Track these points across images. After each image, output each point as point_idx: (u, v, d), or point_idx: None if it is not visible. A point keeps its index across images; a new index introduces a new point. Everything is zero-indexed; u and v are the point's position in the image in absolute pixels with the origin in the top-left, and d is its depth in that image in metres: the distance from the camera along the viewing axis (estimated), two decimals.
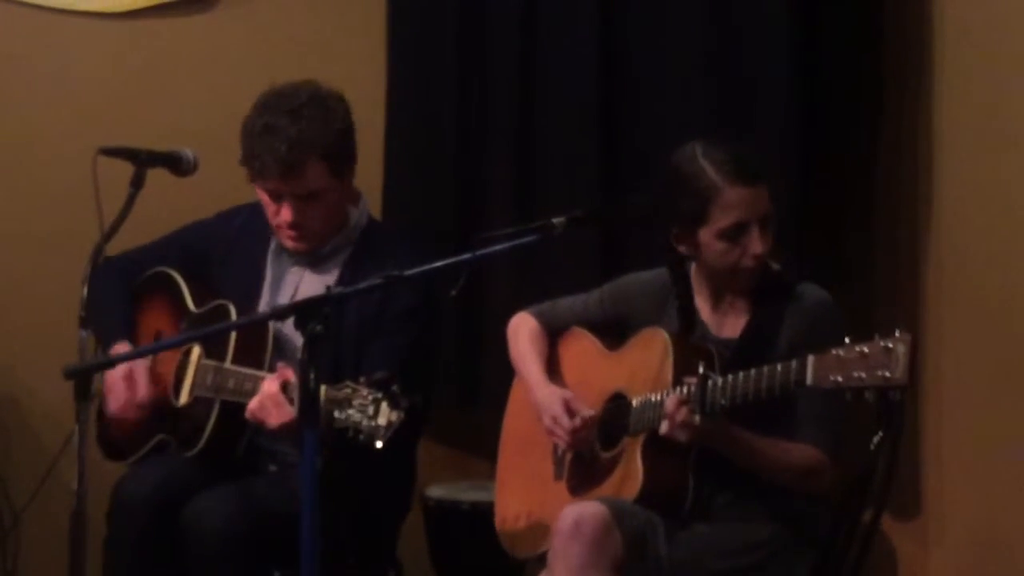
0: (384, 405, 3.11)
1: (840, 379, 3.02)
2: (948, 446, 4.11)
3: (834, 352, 3.04)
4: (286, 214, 3.74)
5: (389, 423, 3.11)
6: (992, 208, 4.00)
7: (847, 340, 3.03)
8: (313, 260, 3.85)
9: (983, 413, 4.03)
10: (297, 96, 3.74)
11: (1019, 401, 3.92)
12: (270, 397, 3.47)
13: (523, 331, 3.78)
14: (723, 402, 3.23)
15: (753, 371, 3.20)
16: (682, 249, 3.48)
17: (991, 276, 4.00)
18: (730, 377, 3.24)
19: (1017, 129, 3.91)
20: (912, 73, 4.16)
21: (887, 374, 2.96)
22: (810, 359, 3.09)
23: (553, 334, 3.78)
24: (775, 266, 3.51)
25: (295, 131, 3.68)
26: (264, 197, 3.78)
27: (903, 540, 4.22)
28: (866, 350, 2.99)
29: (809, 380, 3.09)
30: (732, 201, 3.36)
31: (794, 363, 3.13)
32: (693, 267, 3.56)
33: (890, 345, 2.96)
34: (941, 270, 4.12)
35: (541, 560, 3.44)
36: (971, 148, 4.04)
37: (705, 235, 3.41)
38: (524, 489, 3.74)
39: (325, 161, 3.72)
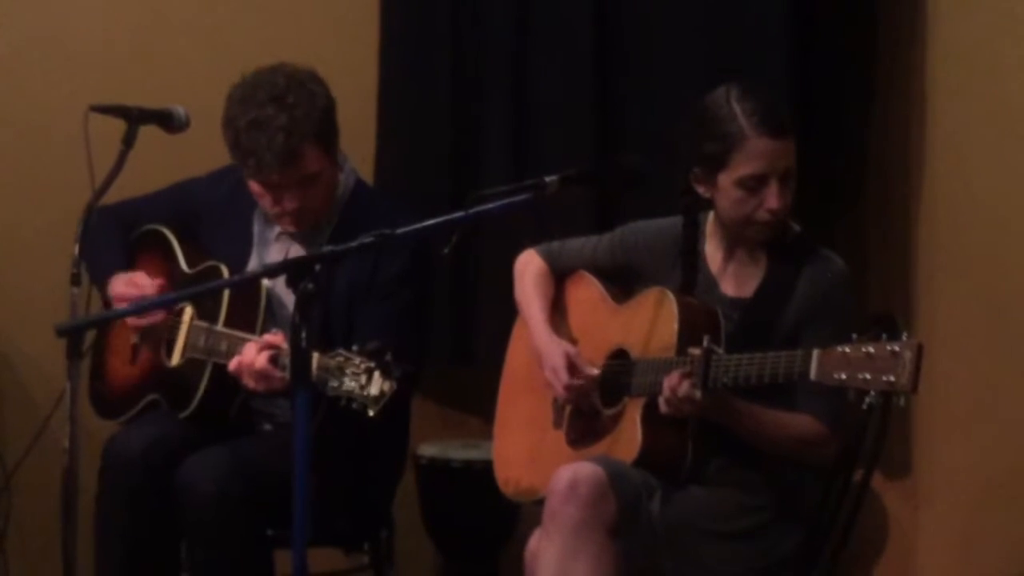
0: (377, 375, 3.10)
1: (844, 377, 3.01)
2: (939, 406, 4.12)
3: (840, 349, 3.03)
4: (289, 203, 3.69)
5: (382, 393, 3.10)
6: (985, 173, 4.00)
7: (854, 337, 3.01)
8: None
9: (974, 373, 4.04)
10: (275, 83, 3.66)
11: (1010, 360, 3.94)
12: (257, 371, 3.46)
13: (530, 272, 3.75)
14: (725, 380, 3.23)
15: (758, 356, 3.19)
16: (700, 190, 3.45)
17: (984, 239, 4.00)
18: (734, 357, 3.22)
19: (1011, 97, 3.91)
20: (905, 45, 4.16)
21: (892, 379, 2.95)
22: (815, 354, 3.08)
23: (560, 276, 3.76)
24: (796, 227, 3.49)
25: (286, 119, 3.61)
26: (257, 189, 3.73)
27: (894, 499, 4.24)
28: (872, 351, 2.97)
29: (813, 375, 3.08)
30: (756, 151, 3.34)
31: (799, 355, 3.12)
32: (710, 217, 3.54)
33: (897, 349, 2.95)
34: (933, 228, 4.13)
35: (535, 511, 3.44)
36: (966, 86, 4.04)
37: (724, 180, 3.39)
38: (523, 431, 3.73)
39: (318, 143, 3.68)
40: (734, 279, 3.50)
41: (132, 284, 3.74)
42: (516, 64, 4.43)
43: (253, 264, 3.83)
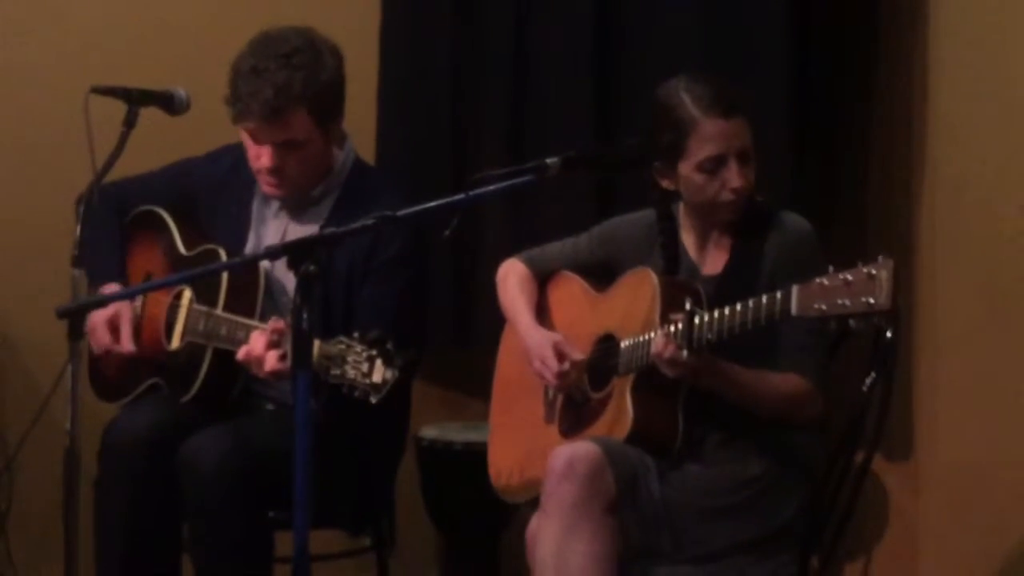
0: (379, 362, 3.10)
1: (824, 307, 3.04)
2: (941, 388, 4.13)
3: (818, 281, 3.05)
4: (265, 159, 3.70)
5: (384, 381, 3.10)
6: (987, 142, 3.99)
7: (831, 269, 3.04)
8: (300, 205, 3.82)
9: (976, 356, 4.04)
10: (290, 41, 3.68)
11: (1012, 343, 3.93)
12: (270, 373, 3.46)
13: (512, 277, 3.79)
14: (710, 336, 3.25)
15: (739, 304, 3.21)
16: (665, 184, 3.49)
17: (985, 227, 4.00)
18: (716, 312, 3.25)
19: (1014, 88, 3.90)
20: (906, 36, 4.16)
21: (871, 300, 2.97)
22: (795, 289, 3.10)
23: (542, 278, 3.79)
24: (758, 198, 3.51)
25: (283, 77, 3.62)
26: (246, 138, 3.74)
27: (894, 481, 4.24)
28: (849, 277, 3.00)
29: (794, 310, 3.10)
30: (709, 133, 3.39)
31: (779, 294, 3.14)
32: (680, 206, 3.57)
33: (873, 272, 2.97)
34: (934, 219, 4.12)
35: (533, 504, 3.46)
36: (967, 78, 4.03)
37: (684, 168, 3.43)
38: (516, 433, 3.75)
39: (310, 111, 3.67)
40: (711, 260, 3.53)
41: (112, 327, 3.73)
42: (516, 48, 4.43)
43: (251, 243, 3.84)
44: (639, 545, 3.33)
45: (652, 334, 3.36)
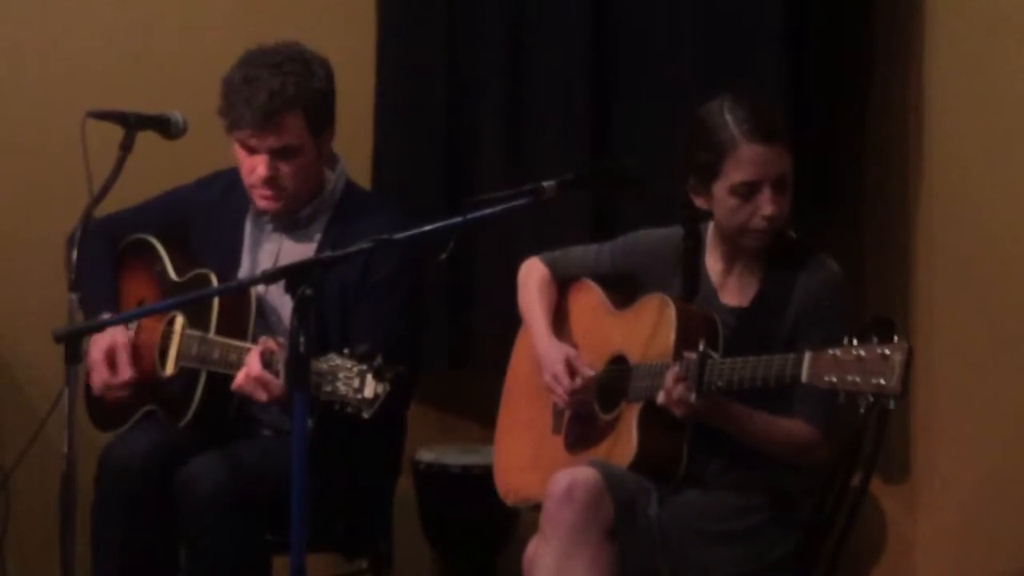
0: (369, 377, 3.11)
1: (835, 380, 3.03)
2: (937, 410, 4.12)
3: (831, 352, 3.04)
4: (261, 170, 3.69)
5: (375, 396, 3.11)
6: (982, 174, 3.99)
7: (846, 340, 3.02)
8: (292, 226, 3.82)
9: (973, 377, 4.03)
10: (279, 53, 3.71)
11: (1009, 364, 3.93)
12: (254, 378, 3.46)
13: (533, 278, 3.77)
14: (719, 383, 3.24)
15: (751, 359, 3.20)
16: (698, 202, 3.47)
17: (982, 241, 3.99)
18: (728, 360, 3.24)
19: (1008, 99, 3.90)
20: (901, 48, 4.16)
21: (881, 382, 2.96)
22: (807, 356, 3.09)
23: (563, 283, 3.78)
24: (792, 234, 3.50)
25: (276, 83, 3.64)
26: (240, 153, 3.74)
27: (892, 504, 4.23)
28: (863, 354, 2.99)
29: (804, 377, 3.10)
30: (746, 157, 3.36)
31: (791, 358, 3.13)
32: (710, 228, 3.56)
33: (887, 352, 2.96)
34: (932, 235, 4.12)
35: (532, 511, 3.45)
36: (960, 116, 4.03)
37: (719, 189, 3.41)
38: (523, 436, 3.75)
39: (304, 116, 3.68)
40: (734, 289, 3.51)
41: (109, 360, 3.73)
42: (512, 67, 4.43)
43: (245, 265, 3.84)
44: (637, 570, 3.33)
45: (664, 362, 3.35)
